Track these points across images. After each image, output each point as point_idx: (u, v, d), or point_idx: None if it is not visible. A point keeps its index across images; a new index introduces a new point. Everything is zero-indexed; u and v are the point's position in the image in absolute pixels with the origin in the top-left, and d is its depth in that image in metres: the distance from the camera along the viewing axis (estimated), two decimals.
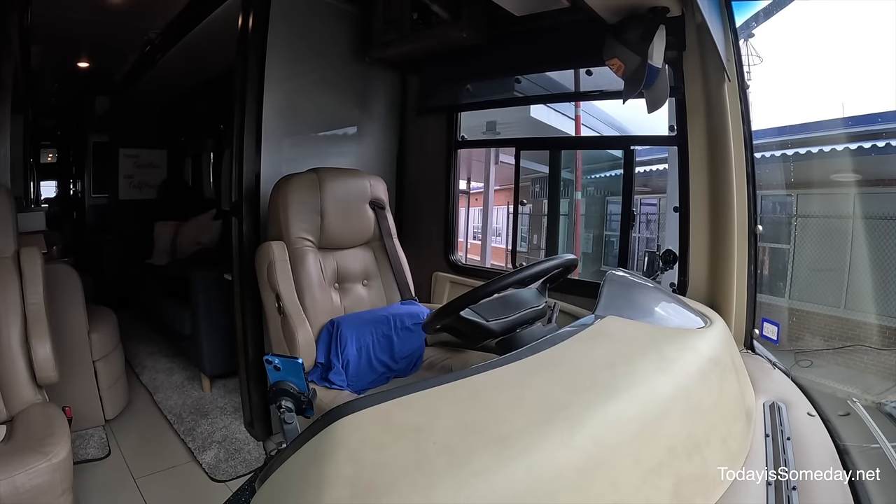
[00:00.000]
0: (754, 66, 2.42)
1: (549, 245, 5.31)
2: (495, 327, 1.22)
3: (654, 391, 0.80)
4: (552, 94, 2.77)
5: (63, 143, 6.32)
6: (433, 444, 0.63)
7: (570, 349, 0.89)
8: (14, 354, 1.67)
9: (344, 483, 0.58)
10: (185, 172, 5.18)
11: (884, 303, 3.01)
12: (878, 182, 3.39)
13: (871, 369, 2.70)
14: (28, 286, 1.73)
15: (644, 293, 1.24)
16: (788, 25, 2.66)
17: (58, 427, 1.50)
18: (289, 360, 0.85)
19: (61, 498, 1.40)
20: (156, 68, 3.68)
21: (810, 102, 3.40)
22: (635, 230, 2.11)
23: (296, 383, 0.85)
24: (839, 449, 0.98)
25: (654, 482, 0.69)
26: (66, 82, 4.38)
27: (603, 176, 7.22)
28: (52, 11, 2.72)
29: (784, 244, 3.60)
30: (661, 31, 1.34)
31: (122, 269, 4.30)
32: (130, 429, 2.39)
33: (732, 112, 1.43)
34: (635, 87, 1.37)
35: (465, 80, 2.25)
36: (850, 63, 3.44)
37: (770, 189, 3.05)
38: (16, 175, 3.00)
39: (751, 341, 1.46)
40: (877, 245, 3.11)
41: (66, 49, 3.61)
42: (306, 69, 2.10)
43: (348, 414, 0.66)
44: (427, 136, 2.38)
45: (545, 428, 0.67)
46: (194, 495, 1.96)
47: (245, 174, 1.97)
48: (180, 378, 2.96)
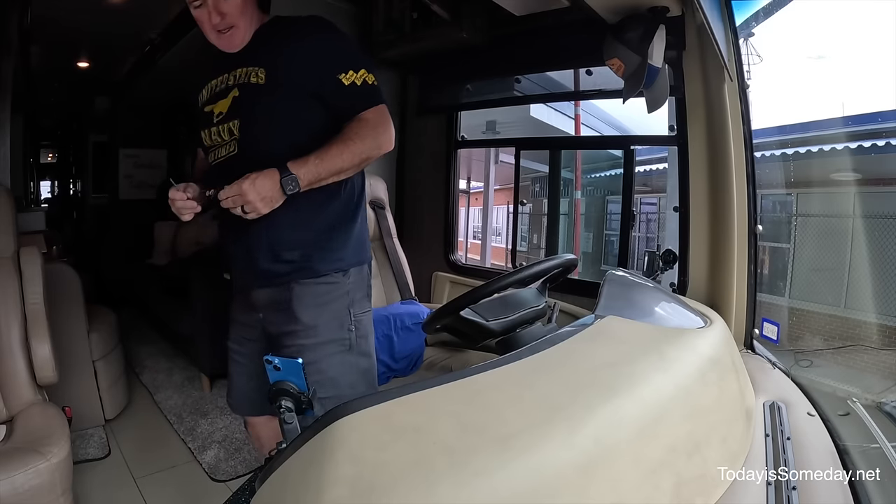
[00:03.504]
0: (754, 66, 2.42)
1: (549, 244, 5.32)
2: (495, 327, 1.22)
3: (654, 391, 0.80)
4: (552, 94, 2.78)
5: (63, 143, 6.33)
6: (433, 444, 0.63)
7: (570, 349, 0.89)
8: (14, 354, 1.67)
9: (344, 483, 0.57)
10: (186, 172, 5.18)
11: (884, 302, 3.01)
12: (878, 181, 3.39)
13: (870, 369, 2.70)
14: (28, 286, 1.73)
15: (644, 293, 1.24)
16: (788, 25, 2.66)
17: (57, 427, 1.50)
18: (289, 360, 0.85)
19: (61, 498, 1.40)
20: (156, 68, 3.68)
21: (810, 102, 3.40)
22: (635, 230, 2.11)
23: (296, 383, 0.84)
24: (839, 449, 0.98)
25: (655, 482, 0.69)
26: (66, 82, 4.38)
27: (603, 175, 7.22)
28: (52, 11, 2.72)
29: (784, 243, 3.61)
30: (661, 30, 1.34)
31: (122, 269, 4.30)
32: (130, 429, 2.39)
33: (732, 112, 1.43)
34: (635, 87, 1.37)
35: (465, 79, 2.25)
36: (850, 62, 3.44)
37: (770, 188, 3.05)
38: (16, 175, 3.00)
39: (751, 341, 1.46)
40: (877, 244, 3.12)
41: (66, 49, 3.60)
42: None
43: (348, 414, 0.66)
44: (427, 136, 2.38)
45: (545, 428, 0.67)
46: (194, 495, 1.96)
47: None
48: (180, 378, 2.96)
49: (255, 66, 1.18)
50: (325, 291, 1.22)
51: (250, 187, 1.08)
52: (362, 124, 1.14)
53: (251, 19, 1.20)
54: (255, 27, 1.22)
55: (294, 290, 1.21)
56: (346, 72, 1.14)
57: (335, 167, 1.13)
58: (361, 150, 1.14)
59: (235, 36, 1.20)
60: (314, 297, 1.21)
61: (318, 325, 1.20)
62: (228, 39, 1.20)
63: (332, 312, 1.22)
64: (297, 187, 1.10)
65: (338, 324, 1.22)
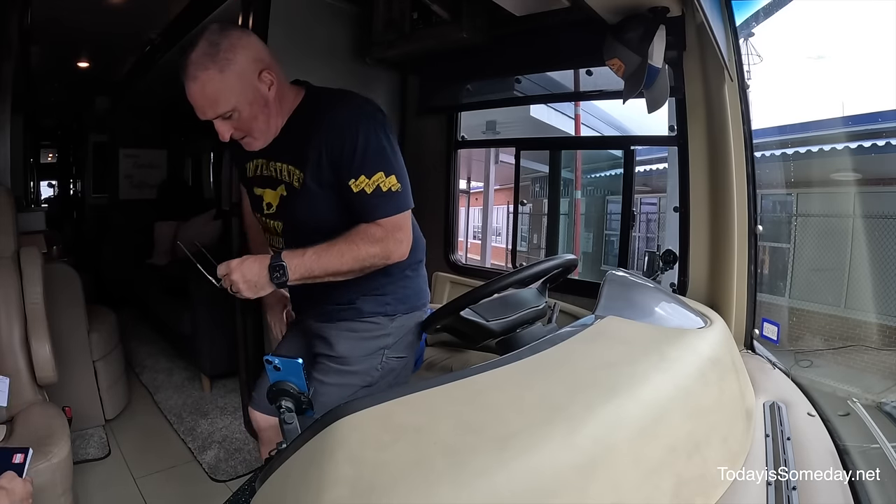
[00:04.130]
0: (754, 66, 2.42)
1: (550, 244, 5.32)
2: (495, 327, 1.22)
3: (654, 391, 0.80)
4: (552, 94, 2.77)
5: (63, 143, 6.32)
6: (433, 444, 0.63)
7: (571, 349, 0.89)
8: (14, 354, 1.67)
9: (344, 483, 0.58)
10: (185, 172, 5.19)
11: (884, 302, 3.01)
12: (877, 181, 3.39)
13: (871, 369, 2.70)
14: (28, 286, 1.73)
15: (644, 293, 1.24)
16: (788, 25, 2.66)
17: (58, 427, 1.50)
18: (289, 360, 0.85)
19: (61, 498, 1.41)
20: (156, 68, 3.68)
21: (810, 101, 3.40)
22: (635, 230, 2.10)
23: (296, 383, 0.85)
24: (839, 449, 0.98)
25: (655, 482, 0.69)
26: (67, 82, 4.38)
27: (603, 175, 7.22)
28: (53, 12, 2.72)
29: (784, 243, 3.61)
30: (661, 31, 1.34)
31: (122, 269, 4.30)
32: (130, 429, 2.39)
33: (732, 112, 1.43)
34: (635, 87, 1.37)
35: (465, 80, 2.24)
36: (850, 62, 3.44)
37: (770, 188, 3.05)
38: (16, 175, 3.00)
39: (751, 341, 1.46)
40: (877, 244, 3.12)
41: (66, 49, 3.60)
42: (306, 69, 2.09)
43: (348, 414, 0.66)
44: (427, 136, 2.38)
45: (545, 428, 0.67)
46: (194, 495, 1.96)
47: None
48: (180, 378, 2.96)
49: (292, 166, 1.16)
50: (364, 328, 1.25)
51: (237, 268, 1.08)
52: (372, 230, 1.11)
53: (271, 116, 1.15)
54: (285, 116, 1.18)
55: (339, 323, 1.25)
56: (358, 177, 1.10)
57: (332, 268, 1.10)
58: (365, 258, 1.11)
59: (253, 144, 1.17)
60: (353, 331, 1.25)
61: (349, 357, 1.23)
62: (248, 145, 1.18)
63: (366, 348, 1.24)
64: (284, 278, 1.08)
65: (368, 360, 1.24)
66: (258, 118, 1.13)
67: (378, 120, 1.14)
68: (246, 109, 1.10)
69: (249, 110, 1.10)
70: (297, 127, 1.17)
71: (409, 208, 1.16)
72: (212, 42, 1.07)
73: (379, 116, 1.15)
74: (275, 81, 1.13)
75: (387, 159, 1.12)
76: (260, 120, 1.13)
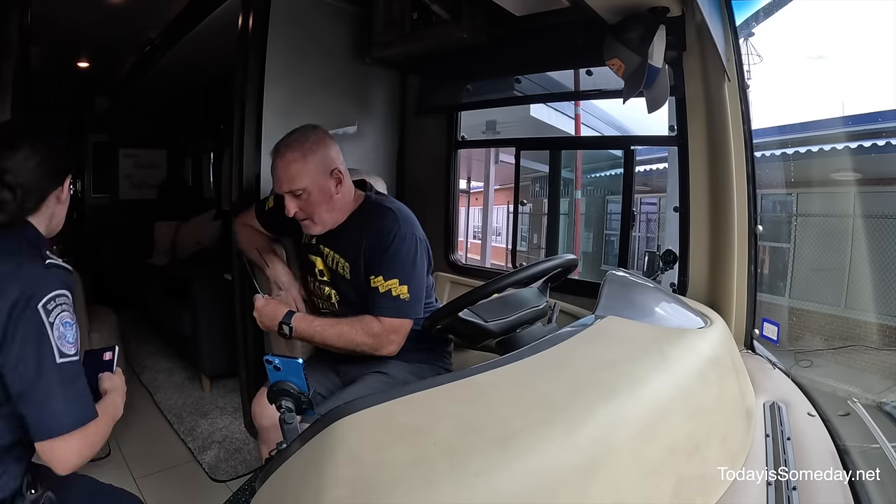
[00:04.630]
0: (754, 66, 2.42)
1: (550, 244, 5.32)
2: (495, 327, 1.22)
3: (654, 391, 0.80)
4: (552, 94, 2.78)
5: None
6: (433, 444, 0.63)
7: (571, 349, 0.89)
8: None
9: (344, 483, 0.58)
10: (185, 172, 5.18)
11: (884, 302, 3.01)
12: (877, 181, 3.39)
13: (871, 369, 2.70)
14: None
15: (644, 293, 1.24)
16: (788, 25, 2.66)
17: None
18: (289, 360, 0.85)
19: None
20: (156, 68, 3.67)
21: (810, 101, 3.40)
22: (635, 230, 2.10)
23: (296, 383, 0.85)
24: (839, 449, 0.98)
25: (655, 482, 0.69)
26: (66, 82, 4.37)
27: (603, 175, 7.23)
28: (53, 12, 2.72)
29: (784, 243, 3.61)
30: (661, 30, 1.34)
31: (122, 269, 4.30)
32: (130, 429, 2.38)
33: (732, 112, 1.43)
34: (635, 87, 1.37)
35: (465, 79, 2.24)
36: (849, 62, 3.44)
37: (770, 188, 3.05)
38: None
39: (751, 341, 1.46)
40: (877, 244, 3.12)
41: (66, 49, 3.60)
42: (306, 69, 2.09)
43: (348, 414, 0.66)
44: (427, 136, 2.38)
45: (545, 428, 0.67)
46: (194, 495, 1.96)
47: (245, 174, 1.97)
48: (180, 378, 2.96)
49: (342, 257, 1.39)
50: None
51: (262, 307, 1.35)
52: (374, 325, 1.31)
53: (333, 210, 1.36)
54: (347, 212, 1.40)
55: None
56: (377, 276, 1.31)
57: (329, 341, 1.32)
58: (359, 344, 1.31)
59: (312, 228, 1.38)
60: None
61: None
62: (307, 227, 1.40)
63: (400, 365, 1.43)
64: (289, 335, 1.32)
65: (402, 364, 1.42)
66: (322, 205, 1.34)
67: (415, 234, 1.36)
68: (315, 193, 1.32)
69: (317, 196, 1.32)
70: (353, 228, 1.39)
71: (413, 318, 1.34)
72: (305, 135, 1.34)
73: (417, 232, 1.37)
74: (342, 181, 1.36)
75: (406, 270, 1.32)
76: (323, 208, 1.35)
